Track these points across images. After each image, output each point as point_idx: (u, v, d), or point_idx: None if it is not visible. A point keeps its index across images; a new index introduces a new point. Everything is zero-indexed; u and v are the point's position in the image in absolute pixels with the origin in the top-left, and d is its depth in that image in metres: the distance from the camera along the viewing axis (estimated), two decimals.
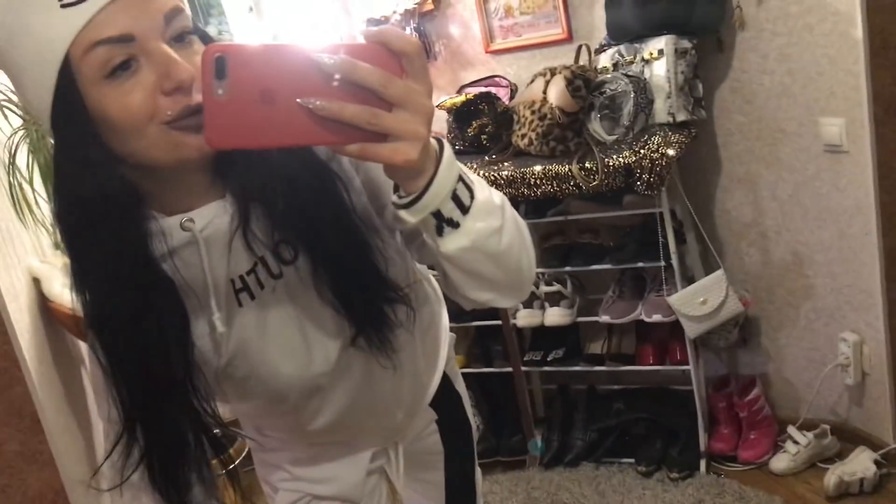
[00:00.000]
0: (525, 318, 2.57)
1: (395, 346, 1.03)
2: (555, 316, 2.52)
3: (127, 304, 0.86)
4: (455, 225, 0.82)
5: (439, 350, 1.28)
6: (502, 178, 2.35)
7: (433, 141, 0.79)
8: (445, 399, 1.33)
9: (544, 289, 2.52)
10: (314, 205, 0.92)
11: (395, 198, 0.82)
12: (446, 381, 1.33)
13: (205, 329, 0.94)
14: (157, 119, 0.80)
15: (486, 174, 2.37)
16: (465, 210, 0.82)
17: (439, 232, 0.83)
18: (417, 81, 0.74)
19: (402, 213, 0.81)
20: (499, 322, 2.65)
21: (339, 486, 1.22)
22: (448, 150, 0.80)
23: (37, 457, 1.98)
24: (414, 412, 1.24)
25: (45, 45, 0.77)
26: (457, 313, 2.73)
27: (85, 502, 2.09)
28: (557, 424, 2.76)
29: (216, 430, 0.97)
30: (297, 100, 0.71)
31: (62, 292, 2.14)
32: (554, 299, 2.52)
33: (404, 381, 1.16)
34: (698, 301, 2.33)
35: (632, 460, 2.61)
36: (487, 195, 0.86)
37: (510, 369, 2.71)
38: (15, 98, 2.26)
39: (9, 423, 1.94)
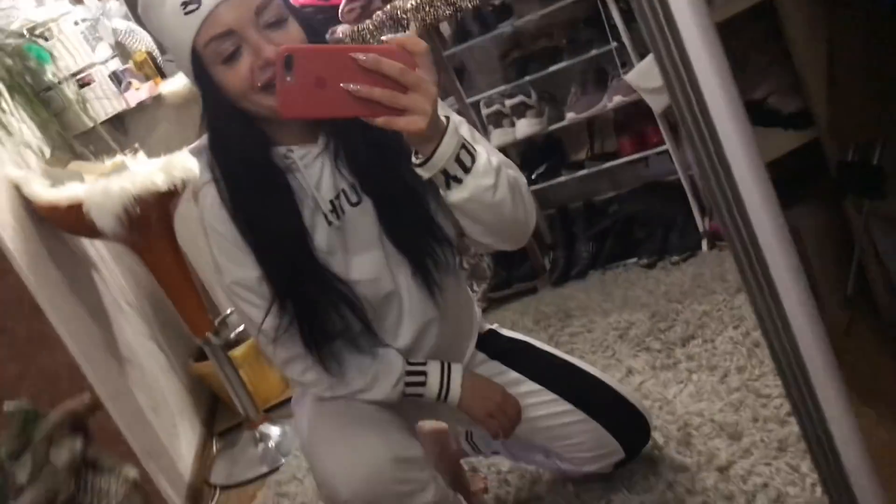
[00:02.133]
0: (498, 138, 2.55)
1: (443, 286, 1.32)
2: (524, 127, 2.49)
3: (261, 199, 1.22)
4: (458, 181, 1.11)
5: (472, 327, 1.54)
6: None
7: (442, 118, 1.08)
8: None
9: (508, 102, 2.49)
10: (377, 155, 1.21)
11: (414, 159, 1.09)
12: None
13: (320, 225, 1.25)
14: (254, 87, 1.13)
15: None
16: (466, 170, 1.10)
17: (447, 185, 1.11)
18: (426, 73, 1.00)
19: (419, 171, 1.09)
20: None
21: None
22: (452, 125, 1.08)
23: (44, 340, 2.11)
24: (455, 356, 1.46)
25: (179, 40, 1.14)
26: None
27: (104, 376, 2.23)
28: (561, 243, 2.75)
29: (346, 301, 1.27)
30: (341, 84, 0.98)
31: (40, 191, 2.26)
32: (520, 111, 2.49)
33: (448, 326, 1.40)
34: (656, 71, 2.25)
35: (635, 259, 2.58)
36: (486, 159, 1.13)
37: None
38: None
39: (9, 309, 2.08)
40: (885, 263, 1.72)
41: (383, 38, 1.05)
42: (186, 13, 1.10)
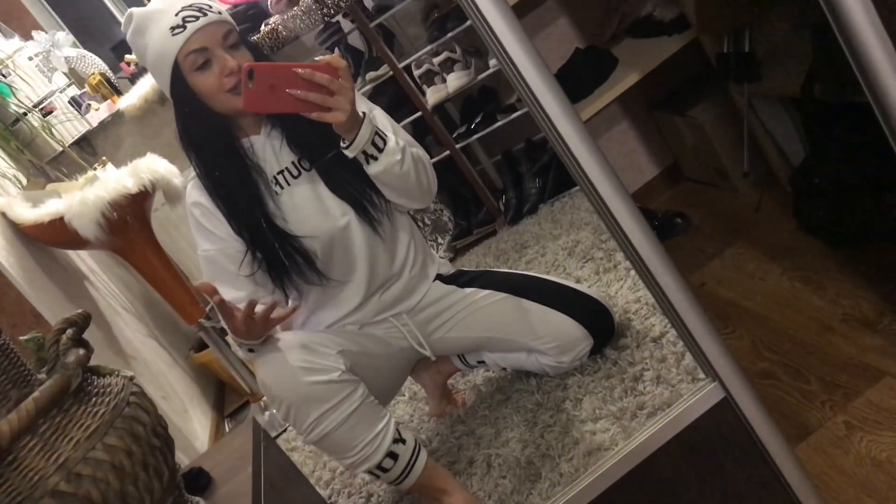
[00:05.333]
0: (434, 95, 2.75)
1: (380, 221, 1.64)
2: (454, 81, 2.68)
3: (226, 173, 1.58)
4: (374, 158, 1.50)
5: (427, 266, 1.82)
6: None
7: (360, 113, 1.46)
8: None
9: (436, 60, 2.68)
10: (318, 135, 1.57)
11: (342, 143, 1.48)
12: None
13: (270, 195, 1.61)
14: (221, 90, 1.51)
15: None
16: (380, 150, 1.50)
17: (367, 162, 1.51)
18: (345, 82, 1.39)
19: (346, 152, 1.48)
20: (419, 113, 2.83)
21: None
22: (367, 118, 1.47)
23: None
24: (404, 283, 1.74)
25: (165, 54, 1.51)
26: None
27: None
28: (511, 185, 2.95)
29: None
30: (287, 90, 1.36)
31: (23, 212, 2.45)
32: (448, 67, 2.68)
33: (398, 256, 1.72)
34: None
35: (578, 186, 2.78)
36: (394, 142, 1.52)
37: (448, 153, 2.90)
38: None
39: (15, 322, 2.27)
40: (772, 134, 1.93)
41: (315, 58, 1.40)
42: (174, 35, 1.50)
